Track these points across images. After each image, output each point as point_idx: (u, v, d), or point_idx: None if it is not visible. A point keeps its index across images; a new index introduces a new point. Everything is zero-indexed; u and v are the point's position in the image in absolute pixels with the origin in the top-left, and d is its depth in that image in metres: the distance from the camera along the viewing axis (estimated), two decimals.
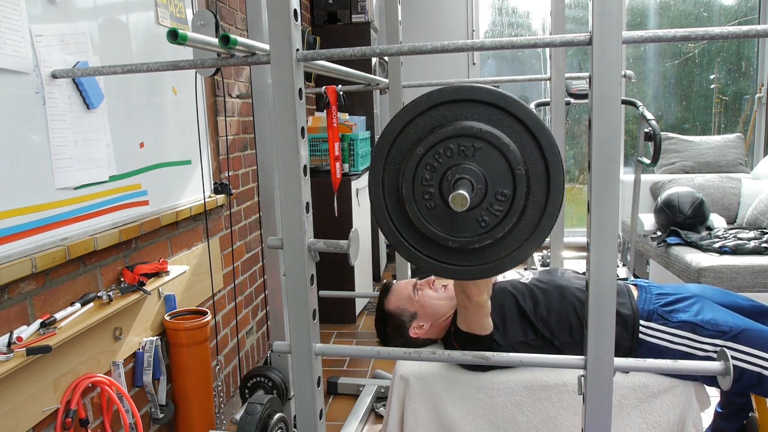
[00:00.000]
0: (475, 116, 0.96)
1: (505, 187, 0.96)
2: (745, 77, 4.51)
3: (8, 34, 1.24)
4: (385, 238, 1.04)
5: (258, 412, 1.59)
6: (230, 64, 1.25)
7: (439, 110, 0.97)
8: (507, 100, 0.95)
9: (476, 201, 0.96)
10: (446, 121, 0.96)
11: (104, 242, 1.52)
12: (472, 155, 0.95)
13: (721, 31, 0.95)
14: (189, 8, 2.02)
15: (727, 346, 1.38)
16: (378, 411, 2.40)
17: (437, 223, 0.98)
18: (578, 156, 4.90)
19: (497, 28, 4.77)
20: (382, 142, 1.00)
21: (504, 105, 0.95)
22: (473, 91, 0.96)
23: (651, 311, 1.48)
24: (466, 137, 0.95)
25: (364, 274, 3.59)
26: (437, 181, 0.97)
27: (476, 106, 0.96)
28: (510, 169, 0.95)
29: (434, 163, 0.96)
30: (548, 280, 1.57)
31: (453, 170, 0.96)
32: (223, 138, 2.39)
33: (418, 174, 0.97)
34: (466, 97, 0.96)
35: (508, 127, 0.95)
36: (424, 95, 0.99)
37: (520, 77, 3.95)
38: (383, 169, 1.01)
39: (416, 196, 0.98)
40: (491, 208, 0.96)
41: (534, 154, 0.95)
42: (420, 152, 0.96)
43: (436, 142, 0.96)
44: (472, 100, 0.96)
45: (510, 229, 0.97)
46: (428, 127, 0.98)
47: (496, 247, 0.99)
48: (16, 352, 1.20)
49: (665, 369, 1.09)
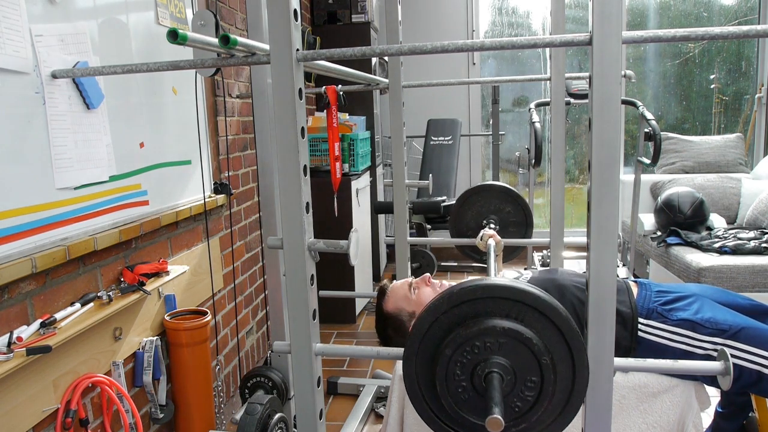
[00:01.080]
0: (495, 311, 1.01)
1: (533, 374, 1.01)
2: (745, 77, 4.51)
3: (8, 34, 1.24)
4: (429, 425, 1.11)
5: (258, 412, 1.59)
6: (230, 64, 1.25)
7: (461, 308, 1.03)
8: (523, 294, 1.00)
9: (507, 390, 1.01)
10: (468, 318, 1.02)
11: (104, 242, 1.52)
12: (498, 349, 1.01)
13: (721, 31, 0.95)
14: (189, 8, 2.02)
15: (727, 344, 1.38)
16: (378, 411, 2.40)
17: (474, 412, 1.04)
18: (578, 156, 4.90)
19: (497, 28, 4.77)
20: (412, 340, 1.06)
21: (521, 299, 1.00)
22: (490, 289, 1.01)
23: (650, 309, 1.48)
24: (489, 335, 1.00)
25: (364, 274, 3.59)
26: (468, 375, 1.03)
27: (495, 300, 1.01)
28: (536, 359, 1.00)
29: (463, 359, 1.02)
30: (547, 279, 1.57)
31: (482, 365, 1.01)
32: (223, 138, 2.39)
33: (450, 370, 1.03)
34: (483, 295, 1.01)
35: (525, 314, 1.00)
36: (444, 295, 1.04)
37: (520, 77, 3.96)
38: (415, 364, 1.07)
39: (451, 392, 1.04)
40: (522, 395, 1.02)
41: (556, 339, 1.00)
42: (448, 354, 1.02)
43: (462, 342, 1.01)
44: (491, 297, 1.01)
45: (543, 411, 1.03)
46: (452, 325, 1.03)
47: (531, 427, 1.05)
48: (16, 352, 1.20)
49: (665, 369, 1.09)
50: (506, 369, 1.00)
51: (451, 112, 4.59)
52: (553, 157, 2.15)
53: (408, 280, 1.66)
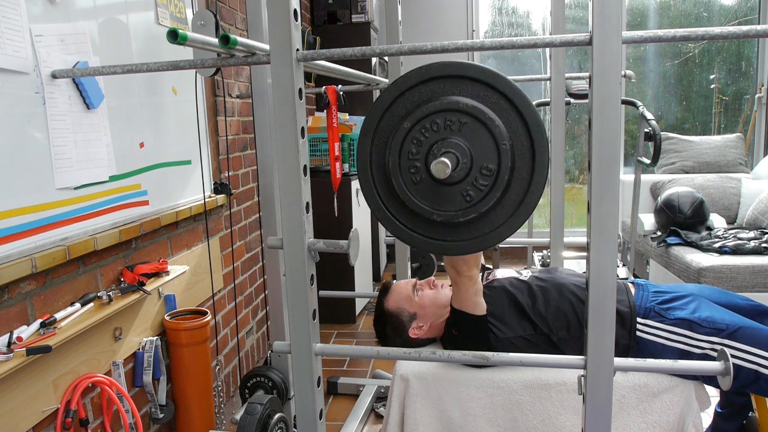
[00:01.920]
0: (463, 92, 0.96)
1: (490, 162, 0.96)
2: (745, 77, 4.51)
3: (8, 34, 1.24)
4: (372, 212, 1.04)
5: (258, 412, 1.59)
6: (230, 64, 1.25)
7: (428, 85, 0.98)
8: (495, 78, 0.96)
9: (461, 175, 0.96)
10: (434, 96, 0.97)
11: (104, 242, 1.52)
12: (458, 130, 0.96)
13: (721, 31, 0.95)
14: (189, 8, 2.02)
15: (724, 343, 1.38)
16: (378, 411, 2.40)
17: (423, 196, 0.99)
18: (578, 156, 4.90)
19: (497, 28, 4.77)
20: (370, 116, 1.01)
21: (491, 82, 0.96)
22: (462, 67, 0.96)
23: (648, 309, 1.48)
24: (452, 112, 0.95)
25: (364, 274, 3.59)
26: (423, 155, 0.97)
27: (465, 82, 0.96)
28: (495, 145, 0.95)
29: (421, 137, 0.97)
30: (547, 278, 1.57)
31: (439, 144, 0.96)
32: (223, 138, 2.39)
33: (405, 148, 0.98)
34: (454, 73, 0.96)
35: (494, 103, 0.96)
36: (414, 70, 0.99)
37: (520, 77, 3.94)
38: (371, 142, 1.01)
39: (402, 170, 0.98)
40: (476, 183, 0.97)
41: (520, 130, 0.96)
42: (407, 126, 0.97)
43: (423, 116, 0.96)
44: (461, 77, 0.96)
45: (494, 203, 0.97)
46: (416, 101, 0.98)
47: (481, 222, 0.99)
48: (16, 352, 1.20)
49: (665, 369, 1.09)
50: (463, 151, 0.95)
51: None
52: (553, 157, 2.15)
53: (412, 280, 1.66)
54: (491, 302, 1.48)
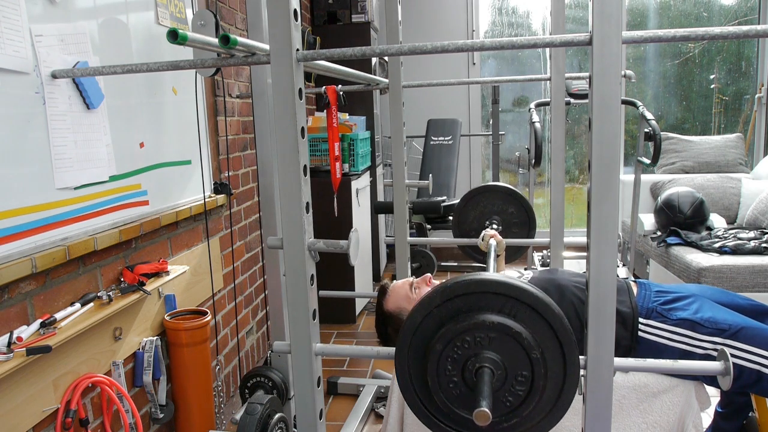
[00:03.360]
0: (487, 306, 1.01)
1: (524, 369, 1.01)
2: (745, 77, 4.51)
3: (8, 34, 1.24)
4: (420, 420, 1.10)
5: (258, 412, 1.59)
6: (230, 64, 1.25)
7: (454, 302, 1.02)
8: (515, 290, 1.00)
9: (498, 385, 1.01)
10: (461, 312, 1.02)
11: (104, 242, 1.52)
12: (488, 344, 1.00)
13: (721, 31, 0.95)
14: (189, 8, 2.02)
15: (726, 344, 1.38)
16: (378, 411, 2.40)
17: (465, 407, 1.04)
18: (578, 156, 4.90)
19: (497, 28, 4.77)
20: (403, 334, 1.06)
21: (513, 294, 1.00)
22: (484, 284, 1.01)
23: (650, 309, 1.48)
24: (480, 329, 1.00)
25: (364, 274, 3.59)
26: (459, 370, 1.03)
27: (488, 296, 1.01)
28: (526, 354, 1.00)
29: (454, 354, 1.02)
30: (547, 279, 1.57)
31: (473, 360, 1.01)
32: (223, 138, 2.39)
33: (441, 366, 1.03)
34: (477, 290, 1.01)
35: (518, 311, 1.00)
36: (437, 289, 1.03)
37: (520, 77, 3.95)
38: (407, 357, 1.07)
39: (443, 388, 1.04)
40: (513, 389, 1.02)
41: (547, 334, 1.00)
42: (439, 348, 1.02)
43: (453, 336, 1.01)
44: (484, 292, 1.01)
45: (534, 406, 1.03)
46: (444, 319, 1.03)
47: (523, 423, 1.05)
48: (16, 352, 1.20)
49: (665, 369, 1.09)
50: (497, 364, 1.00)
51: (451, 112, 4.59)
52: (553, 157, 2.15)
53: (409, 279, 1.66)
54: None
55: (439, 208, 3.57)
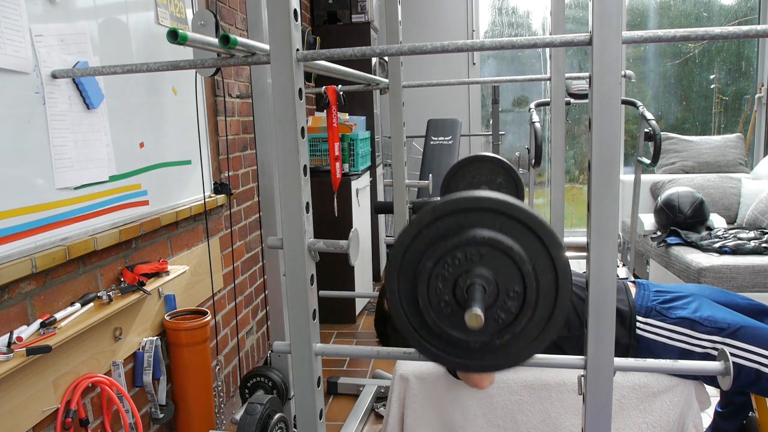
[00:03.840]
0: (478, 223, 1.00)
1: (516, 285, 0.99)
2: (745, 77, 4.51)
3: (8, 34, 1.24)
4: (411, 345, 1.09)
5: (258, 412, 1.59)
6: (230, 64, 1.25)
7: (444, 221, 1.01)
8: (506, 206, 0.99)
9: (489, 302, 1.00)
10: (451, 231, 1.01)
11: (104, 242, 1.52)
12: (480, 260, 0.99)
13: (721, 31, 0.95)
14: (189, 8, 2.02)
15: (725, 342, 1.38)
16: (378, 411, 2.40)
17: (456, 326, 1.02)
18: (578, 156, 4.90)
19: (497, 28, 4.77)
20: (393, 254, 1.04)
21: (504, 210, 0.99)
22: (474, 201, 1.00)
23: (649, 308, 1.48)
24: (471, 246, 0.99)
25: (364, 274, 3.59)
26: (450, 288, 1.01)
27: (479, 213, 1.00)
28: (518, 268, 0.99)
29: (445, 272, 1.00)
30: None
31: (464, 277, 1.00)
32: (223, 138, 2.39)
33: (432, 284, 1.01)
34: (468, 206, 1.00)
35: (510, 228, 0.99)
36: (428, 208, 1.03)
37: (520, 77, 3.95)
38: (398, 279, 1.05)
39: (433, 306, 1.02)
40: (505, 306, 1.01)
41: (539, 250, 0.99)
42: (429, 266, 1.00)
43: (444, 253, 0.99)
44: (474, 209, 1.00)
45: (527, 322, 1.01)
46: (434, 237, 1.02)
47: (516, 340, 1.04)
48: (16, 352, 1.20)
49: (665, 369, 1.09)
50: (488, 279, 0.98)
51: (451, 112, 4.59)
52: (553, 157, 2.15)
53: None
54: None
55: None
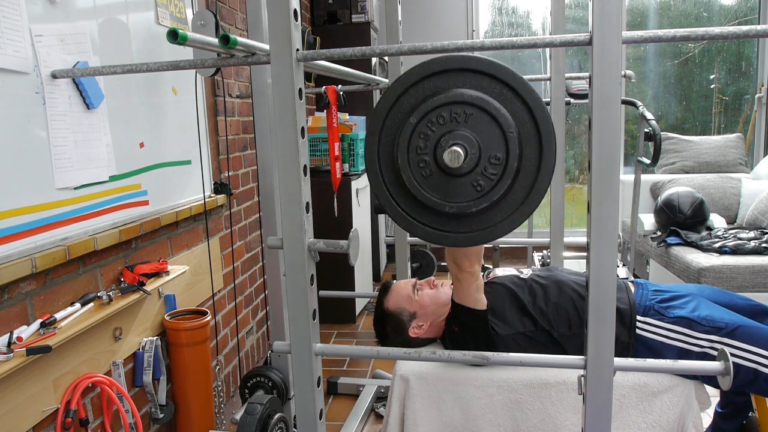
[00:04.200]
0: (466, 84, 0.97)
1: (498, 151, 0.97)
2: (745, 77, 4.51)
3: (8, 34, 1.24)
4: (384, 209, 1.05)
5: (258, 412, 1.59)
6: (230, 64, 1.25)
7: (432, 80, 0.99)
8: (497, 68, 0.97)
9: (470, 166, 0.97)
10: (438, 91, 0.98)
11: (104, 242, 1.52)
12: (465, 122, 0.97)
13: (721, 31, 0.95)
14: (189, 8, 2.02)
15: (723, 342, 1.38)
16: (378, 411, 2.40)
17: (434, 189, 1.00)
18: (578, 156, 4.90)
19: (497, 28, 4.77)
20: (376, 114, 1.01)
21: (494, 72, 0.97)
22: (463, 60, 0.97)
23: (647, 307, 1.48)
24: (457, 104, 0.96)
25: (364, 274, 3.59)
26: (432, 148, 0.98)
27: (468, 74, 0.97)
28: (502, 133, 0.96)
29: (428, 131, 0.98)
30: (547, 276, 1.58)
31: (446, 137, 0.97)
32: (223, 138, 2.39)
33: (413, 143, 0.98)
34: (456, 66, 0.97)
35: (498, 93, 0.97)
36: (416, 66, 1.00)
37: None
38: (378, 140, 1.02)
39: (412, 165, 0.99)
40: (486, 172, 0.98)
41: (525, 118, 0.97)
42: (413, 121, 0.98)
43: (429, 110, 0.97)
44: (463, 69, 0.97)
45: (505, 191, 0.98)
46: (421, 96, 0.99)
47: (493, 211, 1.00)
48: (16, 352, 1.20)
49: (665, 369, 1.09)
50: (471, 141, 0.96)
51: None
52: None
53: (412, 280, 1.66)
54: (491, 299, 1.49)
55: None
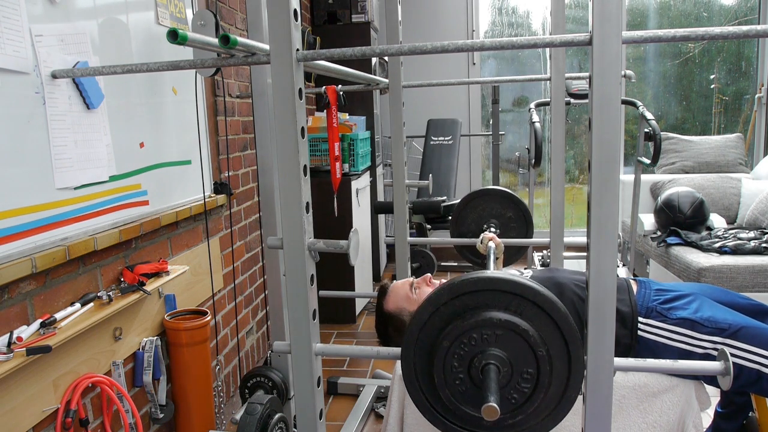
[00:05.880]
0: (494, 303, 1.02)
1: (529, 367, 1.01)
2: (745, 77, 4.51)
3: (8, 34, 1.24)
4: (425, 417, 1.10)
5: (258, 412, 1.59)
6: (230, 64, 1.25)
7: (462, 299, 1.03)
8: (522, 288, 1.01)
9: (503, 382, 1.02)
10: (468, 310, 1.03)
11: (104, 242, 1.52)
12: (495, 341, 1.01)
13: (721, 31, 0.95)
14: (189, 8, 2.02)
15: (726, 343, 1.38)
16: (378, 411, 2.40)
17: (471, 404, 1.05)
18: (578, 156, 4.90)
19: (497, 28, 4.77)
20: (411, 330, 1.07)
21: (521, 292, 1.01)
22: (491, 282, 1.02)
23: (650, 308, 1.48)
24: (486, 327, 1.01)
25: (364, 274, 3.59)
26: (465, 367, 1.03)
27: (496, 294, 1.02)
28: (532, 351, 1.01)
29: (461, 351, 1.03)
30: (547, 277, 1.57)
31: (479, 357, 1.02)
32: (223, 138, 2.39)
33: (447, 363, 1.04)
34: (484, 287, 1.02)
35: (525, 309, 1.01)
36: (445, 286, 1.04)
37: (520, 77, 3.95)
38: (413, 355, 1.07)
39: (448, 384, 1.05)
40: (519, 386, 1.03)
41: (553, 333, 1.01)
42: (446, 345, 1.03)
43: (460, 333, 1.02)
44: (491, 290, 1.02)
45: (539, 403, 1.03)
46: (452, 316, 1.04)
47: (528, 419, 1.05)
48: (16, 352, 1.20)
49: (665, 369, 1.09)
50: (503, 361, 1.00)
51: (451, 112, 4.59)
52: (553, 157, 2.15)
53: (409, 279, 1.66)
54: None
55: (439, 208, 3.57)
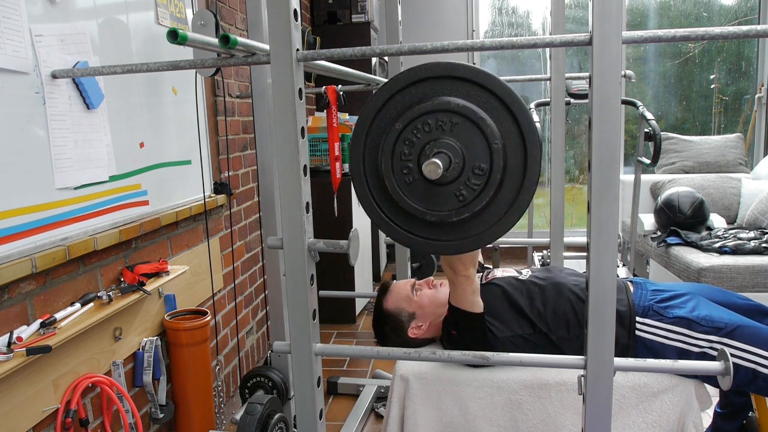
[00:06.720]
0: (454, 92, 0.97)
1: (483, 162, 0.96)
2: (745, 77, 4.51)
3: (8, 34, 1.24)
4: (366, 213, 1.05)
5: (258, 412, 1.59)
6: (230, 64, 1.25)
7: (419, 87, 0.98)
8: (485, 77, 0.96)
9: (454, 175, 0.97)
10: (425, 98, 0.98)
11: (104, 242, 1.52)
12: (450, 130, 0.96)
13: (721, 31, 0.95)
14: (189, 8, 2.02)
15: (722, 342, 1.38)
16: (378, 411, 2.40)
17: (416, 197, 0.99)
18: (578, 156, 4.89)
19: (497, 28, 4.77)
20: (363, 117, 1.01)
21: (482, 82, 0.96)
22: (451, 67, 0.97)
23: (647, 307, 1.48)
24: (444, 112, 0.96)
25: (364, 274, 3.59)
26: (416, 155, 0.98)
27: (456, 82, 0.97)
28: (487, 144, 0.96)
29: (413, 138, 0.98)
30: (545, 277, 1.58)
31: (431, 145, 0.97)
32: (223, 138, 2.39)
33: (397, 149, 0.98)
34: (444, 73, 0.97)
35: (485, 102, 0.96)
36: (404, 72, 1.00)
37: (520, 77, 3.94)
38: (364, 144, 1.02)
39: (395, 171, 0.99)
40: (469, 182, 0.97)
41: (511, 129, 0.96)
42: (399, 127, 0.97)
43: (415, 117, 0.97)
44: (451, 77, 0.97)
45: (488, 202, 0.98)
46: (408, 102, 0.99)
47: (475, 221, 1.00)
48: (16, 352, 1.20)
49: (665, 369, 1.09)
50: (455, 151, 0.96)
51: None
52: (553, 157, 2.15)
53: (411, 280, 1.66)
54: (488, 301, 1.48)
55: None
